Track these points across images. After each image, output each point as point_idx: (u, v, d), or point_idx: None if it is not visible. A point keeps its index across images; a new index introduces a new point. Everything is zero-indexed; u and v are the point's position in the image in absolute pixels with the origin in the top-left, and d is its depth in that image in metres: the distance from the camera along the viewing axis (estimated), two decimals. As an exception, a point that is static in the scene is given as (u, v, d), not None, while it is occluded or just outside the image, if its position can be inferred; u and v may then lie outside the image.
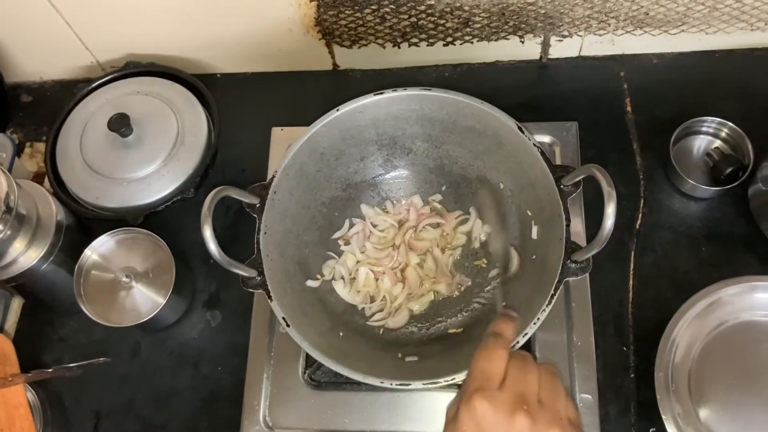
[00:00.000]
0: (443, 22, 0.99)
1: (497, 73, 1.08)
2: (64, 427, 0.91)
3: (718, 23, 0.98)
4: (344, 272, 0.89)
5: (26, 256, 0.87)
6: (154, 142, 0.96)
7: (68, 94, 1.04)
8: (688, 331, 0.84)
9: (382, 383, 0.72)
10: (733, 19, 0.98)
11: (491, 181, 0.89)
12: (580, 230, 0.91)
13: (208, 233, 0.70)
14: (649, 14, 0.97)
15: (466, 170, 0.91)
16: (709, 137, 0.97)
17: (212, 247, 0.70)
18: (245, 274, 0.77)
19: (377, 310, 0.88)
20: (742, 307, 0.85)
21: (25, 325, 0.98)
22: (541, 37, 1.02)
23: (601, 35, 1.01)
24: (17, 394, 0.83)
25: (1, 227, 0.82)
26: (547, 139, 0.97)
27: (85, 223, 0.97)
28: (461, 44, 1.03)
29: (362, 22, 0.99)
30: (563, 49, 1.05)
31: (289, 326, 0.75)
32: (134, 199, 0.94)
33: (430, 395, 0.85)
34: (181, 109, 0.98)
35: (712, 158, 0.95)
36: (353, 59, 1.08)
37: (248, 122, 1.06)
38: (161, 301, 0.88)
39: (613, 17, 0.98)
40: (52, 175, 0.98)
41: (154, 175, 0.94)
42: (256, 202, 0.80)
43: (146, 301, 0.89)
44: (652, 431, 0.83)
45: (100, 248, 0.92)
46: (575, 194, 0.76)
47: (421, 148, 0.92)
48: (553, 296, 0.72)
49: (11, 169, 1.02)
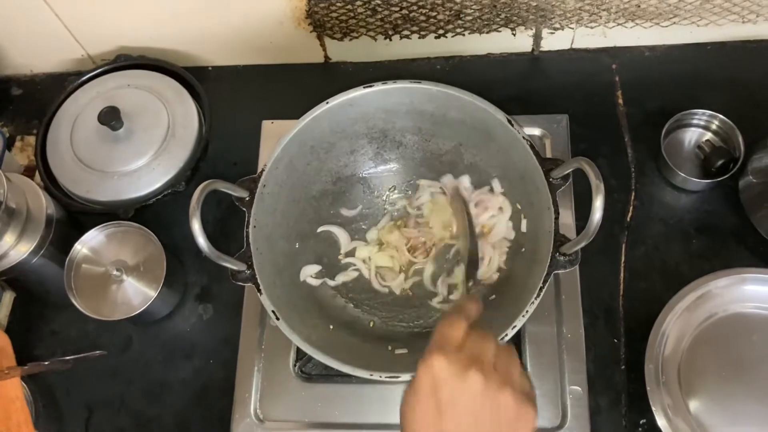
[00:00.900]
0: (435, 14, 0.98)
1: (489, 65, 1.07)
2: (56, 420, 0.91)
3: (709, 15, 0.98)
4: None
5: (16, 250, 0.87)
6: (144, 135, 0.96)
7: (59, 87, 1.03)
8: (678, 323, 0.84)
9: (371, 376, 0.72)
10: (724, 11, 0.97)
11: (481, 171, 0.89)
12: (570, 223, 0.91)
13: (196, 226, 0.70)
14: (640, 6, 0.97)
15: (456, 164, 0.91)
16: (700, 130, 0.97)
17: (200, 240, 0.70)
18: (234, 267, 0.77)
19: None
20: (732, 299, 0.85)
21: (16, 319, 0.98)
22: (532, 29, 1.02)
23: (592, 28, 1.01)
24: (14, 387, 0.82)
25: (-9, 221, 0.82)
26: (537, 131, 0.97)
27: (75, 216, 0.97)
28: (453, 36, 1.03)
29: (353, 14, 0.99)
30: (555, 41, 1.05)
31: (279, 319, 0.75)
32: (125, 192, 0.94)
33: (420, 388, 0.85)
34: (171, 102, 0.98)
35: (703, 151, 0.95)
36: (345, 52, 1.08)
37: (239, 115, 1.06)
38: (152, 294, 0.88)
39: (604, 9, 0.97)
40: (42, 168, 0.98)
41: (144, 168, 0.94)
42: (245, 195, 0.80)
43: (137, 294, 0.89)
44: (642, 423, 0.84)
45: (90, 242, 0.91)
46: (564, 187, 0.76)
47: (411, 141, 0.92)
48: (542, 289, 0.72)
49: (1, 162, 1.02)
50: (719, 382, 0.82)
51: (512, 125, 0.79)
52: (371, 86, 0.83)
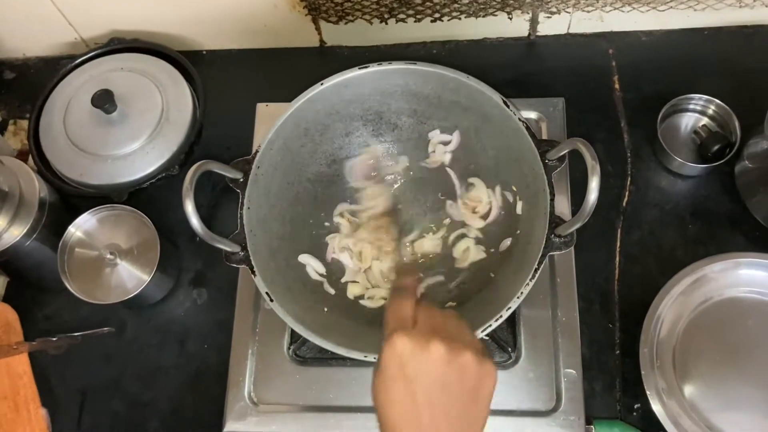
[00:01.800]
0: (430, -3, 0.98)
1: (485, 50, 1.07)
2: (50, 404, 0.91)
3: (707, 0, 0.98)
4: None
5: (9, 233, 0.87)
6: (138, 118, 0.95)
7: (52, 70, 1.03)
8: (673, 307, 0.85)
9: (366, 357, 0.72)
10: (721, -5, 0.97)
11: (477, 153, 0.89)
12: (565, 208, 0.91)
13: (189, 207, 0.70)
14: (637, -10, 0.96)
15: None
16: (696, 115, 0.97)
17: (194, 221, 0.70)
18: (228, 249, 0.76)
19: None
20: (727, 283, 0.86)
21: (9, 303, 0.97)
22: (529, 13, 1.01)
23: (589, 12, 1.01)
24: (21, 362, 0.84)
25: (-18, 204, 0.82)
26: (533, 115, 0.97)
27: (68, 200, 0.97)
28: (449, 20, 1.02)
29: (349, -4, 0.98)
30: (551, 26, 1.04)
31: (273, 301, 0.75)
32: (118, 176, 0.93)
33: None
34: (165, 85, 0.97)
35: (699, 136, 0.95)
36: (340, 36, 1.07)
37: (234, 99, 1.05)
38: (146, 278, 0.88)
39: (601, -7, 0.97)
40: (35, 152, 0.97)
41: (138, 152, 0.94)
42: (239, 176, 0.80)
43: (131, 278, 0.89)
44: (636, 407, 0.84)
45: (84, 225, 0.91)
46: (560, 169, 0.76)
47: (406, 123, 0.91)
48: (536, 270, 0.72)
49: (-6, 146, 1.02)
50: (714, 366, 0.82)
51: (508, 107, 0.79)
52: (366, 67, 0.83)
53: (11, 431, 0.80)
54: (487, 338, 0.84)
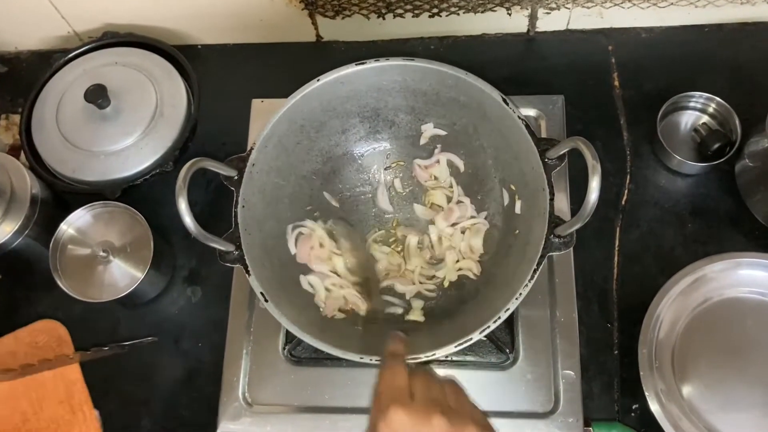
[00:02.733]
0: (428, -9, 0.97)
1: (484, 46, 1.06)
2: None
3: (708, -4, 0.97)
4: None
5: (0, 229, 0.86)
6: (132, 114, 0.94)
7: (44, 64, 1.01)
8: (672, 307, 0.84)
9: (361, 359, 0.71)
10: (723, -9, 0.96)
11: (475, 152, 0.88)
12: (564, 207, 0.90)
13: (183, 206, 0.69)
14: (638, -14, 0.95)
15: (450, 144, 0.90)
16: (696, 113, 0.96)
17: (187, 219, 0.69)
18: (222, 248, 0.75)
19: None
20: (726, 283, 0.85)
21: (1, 301, 0.96)
22: (528, 9, 1.00)
23: (589, 8, 1.00)
24: (74, 371, 0.91)
25: (-28, 200, 0.81)
26: (532, 112, 0.95)
27: (61, 196, 0.96)
28: (447, 16, 1.01)
29: (346, -9, 0.97)
30: (551, 22, 1.03)
31: (267, 301, 0.74)
32: (112, 172, 0.92)
33: (411, 371, 0.84)
34: (159, 80, 0.96)
35: (699, 134, 0.94)
36: (337, 31, 1.06)
37: (229, 95, 1.04)
38: (140, 276, 0.87)
39: (601, -11, 0.96)
40: (27, 147, 0.96)
41: (132, 148, 0.92)
42: (233, 174, 0.79)
43: (124, 276, 0.88)
44: (634, 408, 0.83)
45: (76, 222, 0.90)
46: (560, 168, 0.75)
47: (404, 120, 0.90)
48: (536, 271, 0.71)
49: (-15, 142, 1.00)
50: (713, 366, 0.82)
51: (507, 104, 0.78)
52: (363, 63, 0.82)
53: (69, 431, 0.88)
54: (485, 339, 0.83)
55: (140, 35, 1.02)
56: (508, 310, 0.71)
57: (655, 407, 0.79)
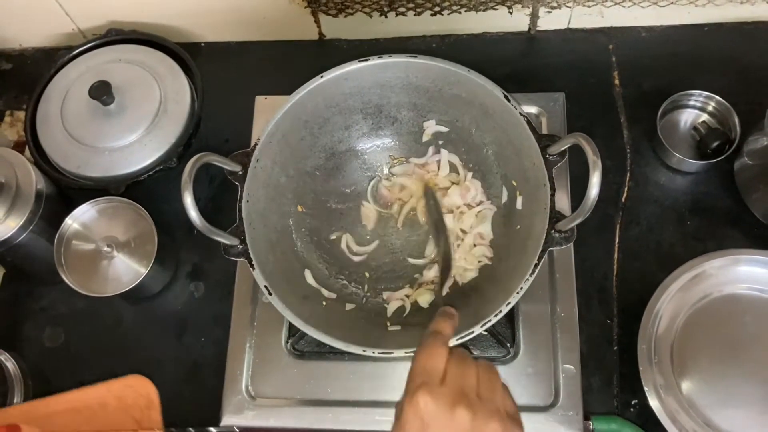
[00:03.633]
0: (431, -10, 0.98)
1: (485, 44, 1.06)
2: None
3: (707, -5, 0.98)
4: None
5: (5, 225, 0.86)
6: (136, 110, 0.94)
7: (49, 61, 1.02)
8: (671, 303, 0.84)
9: (364, 352, 0.72)
10: (722, -9, 0.97)
11: (477, 148, 0.88)
12: (565, 203, 0.91)
13: (188, 200, 0.69)
14: (638, -15, 0.96)
15: (452, 140, 0.91)
16: (696, 111, 0.97)
17: (193, 214, 0.69)
18: (227, 242, 0.76)
19: None
20: (725, 280, 0.85)
21: (5, 295, 0.97)
22: (529, 8, 1.01)
23: (590, 7, 1.00)
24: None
25: (-22, 195, 0.81)
26: (533, 110, 0.96)
27: (66, 192, 0.96)
28: (449, 14, 1.02)
29: (348, -11, 0.98)
30: (552, 20, 1.04)
31: (271, 294, 0.75)
32: (116, 168, 0.92)
33: (413, 365, 0.84)
34: (163, 77, 0.97)
35: (698, 132, 0.95)
36: (339, 29, 1.07)
37: (232, 92, 1.04)
38: (143, 271, 0.88)
39: (602, -12, 0.97)
40: (32, 143, 0.96)
41: (136, 144, 0.93)
42: (238, 169, 0.79)
43: (128, 271, 0.89)
44: (634, 403, 0.84)
45: (81, 217, 0.91)
46: (561, 164, 0.75)
47: (406, 117, 0.91)
48: (536, 266, 0.72)
49: (-10, 137, 1.01)
50: (712, 362, 0.82)
51: (509, 101, 0.79)
52: (367, 60, 0.82)
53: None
54: (485, 333, 0.84)
55: (144, 32, 1.03)
56: (509, 304, 0.71)
57: (654, 402, 0.80)
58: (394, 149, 0.93)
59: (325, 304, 0.84)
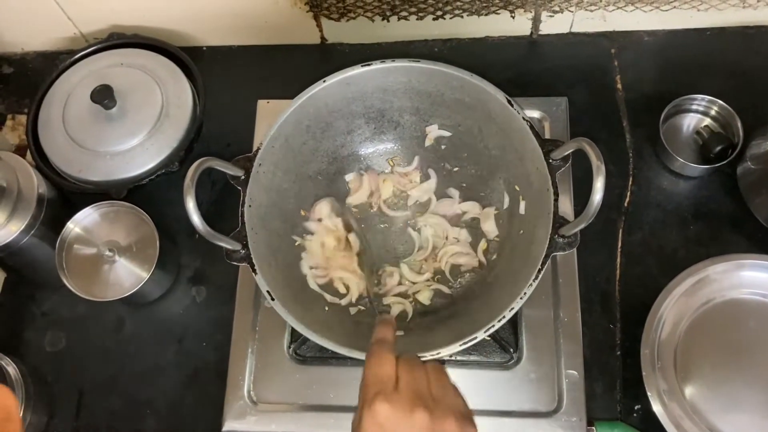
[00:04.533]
0: (433, -6, 0.97)
1: (487, 48, 1.06)
2: (46, 402, 0.90)
3: (710, 0, 0.98)
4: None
5: (7, 229, 0.86)
6: (138, 114, 0.94)
7: (50, 65, 1.02)
8: (674, 308, 0.84)
9: (366, 357, 0.71)
10: (725, -5, 0.97)
11: (480, 152, 0.88)
12: (568, 208, 0.91)
13: (191, 204, 0.69)
14: (641, -10, 0.96)
15: (454, 145, 0.90)
16: (699, 115, 0.97)
17: (195, 218, 0.69)
18: (229, 246, 0.76)
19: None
20: (728, 285, 0.85)
21: (6, 299, 0.97)
22: (531, 12, 1.01)
23: (592, 11, 1.00)
24: None
25: (-21, 199, 0.81)
26: (536, 114, 0.96)
27: (67, 196, 0.96)
28: (451, 18, 1.02)
29: (350, -7, 0.98)
30: (554, 25, 1.04)
31: (273, 299, 0.74)
32: (118, 172, 0.92)
33: (415, 371, 0.84)
34: (165, 81, 0.97)
35: (701, 136, 0.94)
36: (341, 33, 1.07)
37: (234, 96, 1.04)
38: (145, 275, 0.87)
39: (604, -8, 0.97)
40: (34, 147, 0.96)
41: (138, 148, 0.93)
42: (240, 174, 0.79)
43: (130, 275, 0.88)
44: (637, 408, 0.84)
45: (82, 221, 0.90)
46: (564, 169, 0.75)
47: (409, 121, 0.91)
48: (540, 271, 0.72)
49: (-8, 141, 1.01)
50: (715, 367, 0.82)
51: (512, 105, 0.79)
52: (369, 65, 0.82)
53: None
54: (489, 339, 0.84)
55: (146, 36, 1.02)
56: (512, 309, 0.71)
57: (657, 407, 0.79)
58: (396, 154, 0.93)
59: (327, 309, 0.83)
